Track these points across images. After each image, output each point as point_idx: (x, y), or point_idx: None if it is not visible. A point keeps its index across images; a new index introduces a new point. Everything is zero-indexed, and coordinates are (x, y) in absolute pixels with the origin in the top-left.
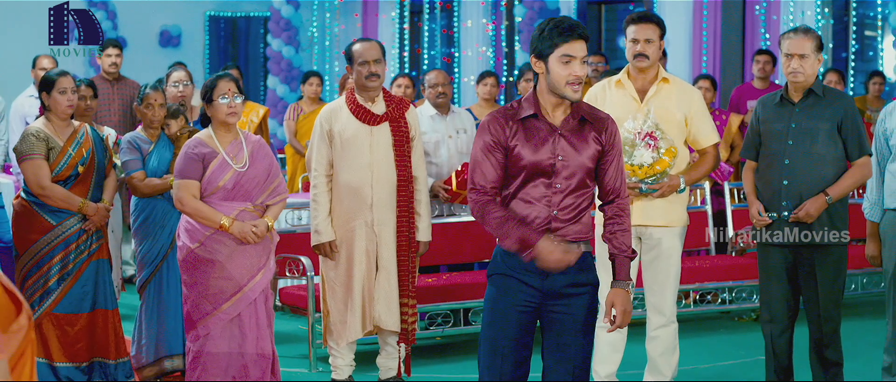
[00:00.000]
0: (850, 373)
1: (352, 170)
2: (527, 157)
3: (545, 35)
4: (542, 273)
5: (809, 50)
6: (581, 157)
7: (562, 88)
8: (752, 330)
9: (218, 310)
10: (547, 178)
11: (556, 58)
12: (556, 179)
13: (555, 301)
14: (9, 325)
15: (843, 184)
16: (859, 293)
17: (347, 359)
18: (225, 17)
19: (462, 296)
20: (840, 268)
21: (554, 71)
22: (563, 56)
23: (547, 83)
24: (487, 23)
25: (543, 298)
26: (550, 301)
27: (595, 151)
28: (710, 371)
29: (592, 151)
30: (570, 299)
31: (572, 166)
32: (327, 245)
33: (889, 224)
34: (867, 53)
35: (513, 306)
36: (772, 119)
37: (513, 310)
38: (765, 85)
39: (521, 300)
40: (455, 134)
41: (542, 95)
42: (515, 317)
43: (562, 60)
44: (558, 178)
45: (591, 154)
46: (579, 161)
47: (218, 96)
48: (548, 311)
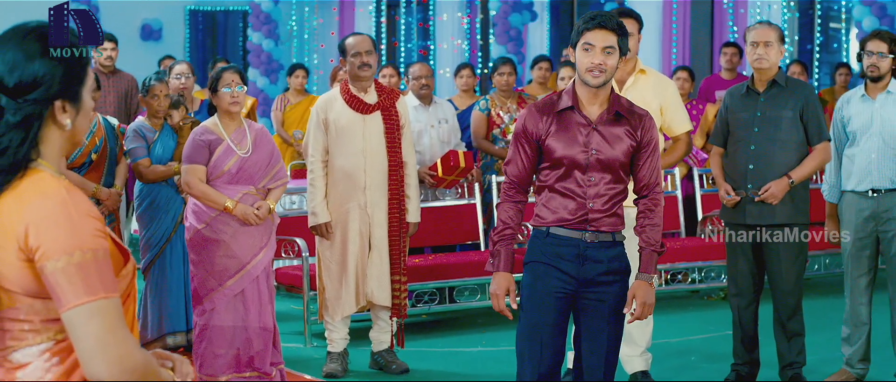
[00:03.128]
0: (812, 345)
1: (346, 156)
2: (560, 150)
3: (577, 26)
4: (578, 261)
5: (773, 39)
6: (615, 151)
7: (582, 73)
8: (720, 308)
9: (223, 286)
10: (581, 171)
11: (579, 46)
12: (590, 172)
13: (589, 289)
14: (120, 270)
15: (804, 168)
16: (822, 273)
17: (342, 333)
18: (204, 11)
19: (447, 275)
20: (802, 246)
21: (578, 58)
22: (585, 44)
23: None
24: (462, 16)
25: (578, 286)
26: (585, 289)
27: (629, 146)
28: (681, 343)
29: (626, 146)
30: (604, 286)
31: (606, 161)
32: (323, 226)
33: (846, 205)
34: (832, 44)
35: (550, 292)
36: (739, 108)
37: (551, 297)
38: (732, 76)
39: (558, 287)
40: (437, 124)
41: (578, 87)
42: (553, 303)
43: (583, 47)
44: (592, 171)
45: (624, 149)
46: (613, 156)
47: (222, 87)
48: (582, 298)
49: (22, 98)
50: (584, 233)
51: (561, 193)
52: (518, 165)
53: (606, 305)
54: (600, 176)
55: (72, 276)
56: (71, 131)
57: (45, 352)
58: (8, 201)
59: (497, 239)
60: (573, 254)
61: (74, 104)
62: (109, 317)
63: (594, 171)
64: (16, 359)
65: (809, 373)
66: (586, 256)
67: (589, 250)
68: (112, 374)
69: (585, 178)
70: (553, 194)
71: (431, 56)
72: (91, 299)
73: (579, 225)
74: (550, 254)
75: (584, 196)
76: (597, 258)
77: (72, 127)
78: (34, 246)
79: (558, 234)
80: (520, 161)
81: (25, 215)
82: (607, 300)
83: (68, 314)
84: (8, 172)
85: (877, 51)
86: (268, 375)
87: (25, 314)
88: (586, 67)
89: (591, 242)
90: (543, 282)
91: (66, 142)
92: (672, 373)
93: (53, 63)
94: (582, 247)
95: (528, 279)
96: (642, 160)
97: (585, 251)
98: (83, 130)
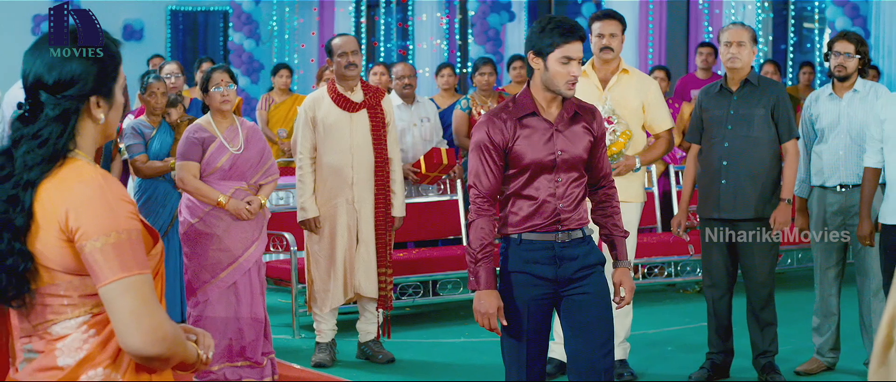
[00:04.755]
0: (784, 335)
1: (334, 153)
2: (529, 155)
3: (546, 34)
4: (555, 263)
5: (746, 39)
6: (577, 149)
7: (559, 86)
8: (695, 301)
9: (216, 279)
10: (549, 172)
11: (556, 58)
12: (557, 172)
13: (570, 287)
14: (150, 250)
15: (789, 179)
16: (795, 268)
17: (330, 324)
18: (185, 11)
19: (431, 269)
20: (774, 239)
21: (553, 70)
22: (564, 57)
23: (542, 80)
24: (441, 17)
25: (558, 287)
26: (565, 288)
27: (588, 142)
28: (658, 335)
29: (586, 142)
30: (583, 280)
31: (571, 159)
32: (312, 221)
33: (815, 199)
34: (805, 44)
35: (529, 300)
36: (712, 107)
37: (531, 304)
38: (707, 75)
39: (537, 294)
40: (419, 122)
41: (536, 91)
42: (533, 311)
43: (561, 61)
44: (560, 172)
45: (585, 145)
46: (576, 154)
47: (213, 86)
48: (565, 297)
49: (60, 94)
50: (556, 234)
51: (529, 197)
52: (488, 177)
53: (590, 296)
54: (567, 176)
55: (108, 254)
56: (104, 125)
57: (82, 325)
58: (49, 187)
59: (480, 257)
60: (548, 257)
61: (107, 100)
62: (142, 291)
63: (561, 171)
64: (56, 331)
65: (782, 362)
66: (562, 256)
67: (564, 250)
68: (145, 343)
69: (554, 179)
70: (520, 201)
71: (410, 56)
72: (126, 275)
73: (551, 227)
74: (524, 261)
75: (554, 197)
76: (572, 256)
77: (105, 121)
78: (74, 228)
79: (531, 239)
80: (489, 173)
81: (66, 199)
82: (590, 290)
83: (105, 289)
84: (49, 161)
85: (844, 51)
86: (259, 364)
87: (65, 290)
88: (567, 80)
89: (564, 242)
90: (521, 291)
91: (99, 134)
92: (649, 363)
93: (88, 63)
94: (557, 249)
95: (506, 289)
96: (598, 153)
97: (561, 251)
98: (115, 124)
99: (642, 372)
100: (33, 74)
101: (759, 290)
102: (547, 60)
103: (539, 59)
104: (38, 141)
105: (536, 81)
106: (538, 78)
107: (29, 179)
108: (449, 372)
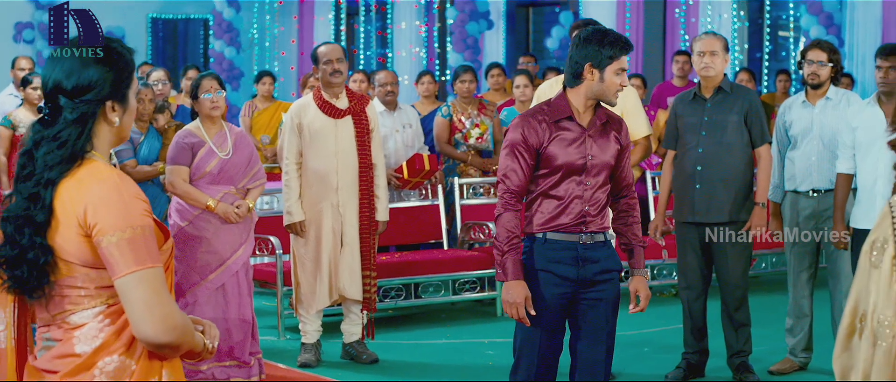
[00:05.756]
0: (758, 336)
1: (319, 158)
2: (561, 157)
3: (606, 47)
4: (577, 263)
5: (719, 49)
6: (606, 155)
7: (611, 95)
8: (671, 304)
9: (205, 280)
10: (578, 175)
11: (613, 69)
12: (586, 176)
13: (589, 289)
14: (161, 246)
15: (763, 184)
16: (769, 271)
17: (315, 325)
18: (166, 18)
19: (413, 272)
20: (747, 242)
21: (609, 80)
22: (620, 69)
23: (592, 89)
24: (420, 25)
25: (577, 287)
26: (584, 290)
27: (616, 150)
28: (635, 336)
29: (614, 149)
30: (601, 285)
31: (600, 165)
32: (298, 225)
33: (788, 204)
34: (780, 53)
35: (549, 298)
36: (687, 113)
37: (550, 302)
38: (683, 83)
39: (557, 293)
40: (401, 128)
41: (575, 98)
42: (552, 309)
43: (617, 72)
44: (589, 175)
45: (613, 153)
46: (605, 160)
47: (202, 93)
48: (582, 299)
49: (78, 99)
50: (580, 235)
51: (558, 197)
52: (519, 174)
53: (605, 302)
54: (594, 180)
55: (123, 249)
56: (119, 127)
57: (98, 314)
58: (68, 185)
59: (506, 249)
60: (571, 257)
61: (122, 104)
62: (155, 283)
63: (590, 175)
64: (73, 321)
65: (756, 362)
66: (585, 257)
67: (587, 251)
68: (157, 331)
69: (582, 182)
70: (548, 200)
71: (389, 64)
72: (140, 268)
73: (576, 228)
74: (548, 260)
75: (582, 199)
76: (594, 258)
77: (119, 124)
78: (92, 223)
79: (555, 238)
80: (520, 170)
81: (84, 197)
82: (605, 297)
83: (120, 281)
84: (68, 161)
85: (817, 59)
86: (247, 364)
87: (82, 282)
88: (617, 89)
89: (587, 243)
90: (543, 289)
91: (114, 136)
92: (627, 363)
93: (104, 70)
94: (580, 249)
95: (528, 285)
96: (623, 162)
97: (584, 253)
98: (128, 127)
99: (619, 372)
100: (52, 80)
101: (734, 291)
102: (604, 71)
103: (596, 70)
104: (57, 142)
105: (580, 89)
106: (586, 87)
107: (49, 178)
108: (431, 372)
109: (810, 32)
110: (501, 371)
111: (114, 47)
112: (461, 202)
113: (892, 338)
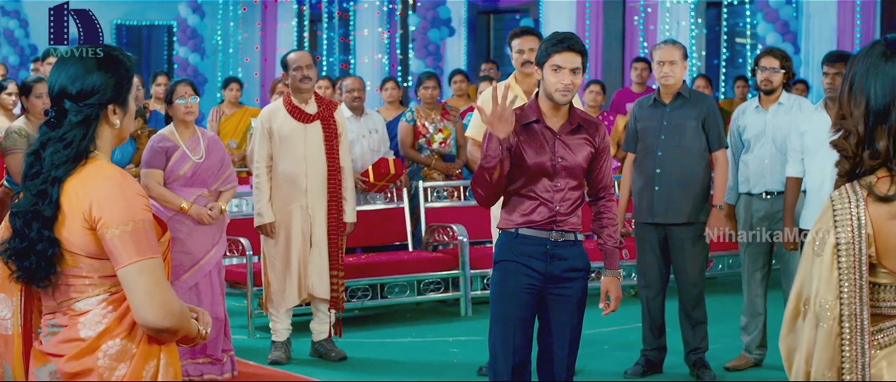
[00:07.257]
0: (715, 334)
1: (289, 161)
2: (530, 159)
3: (543, 46)
4: (546, 259)
5: (678, 57)
6: (577, 158)
7: (552, 92)
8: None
9: (178, 280)
10: (549, 178)
11: (548, 66)
12: (556, 178)
13: (556, 285)
14: (159, 238)
15: (720, 187)
16: (726, 272)
17: (285, 324)
18: (130, 25)
19: (380, 273)
20: (704, 243)
21: (546, 78)
22: (553, 65)
23: (543, 88)
24: (383, 32)
25: (545, 282)
26: (551, 285)
27: (588, 152)
28: (595, 335)
29: (586, 152)
30: (568, 282)
31: (570, 167)
32: (268, 226)
33: (742, 206)
34: (737, 59)
35: (520, 287)
36: (647, 118)
37: (520, 291)
38: (642, 90)
39: (527, 283)
40: (368, 133)
41: (542, 101)
42: (523, 298)
43: (552, 69)
44: (559, 177)
45: (585, 155)
46: (576, 162)
47: (176, 98)
48: (549, 294)
49: (82, 103)
50: (551, 233)
51: (529, 197)
52: None
53: (571, 299)
54: (566, 181)
55: (126, 241)
56: (119, 129)
57: (101, 302)
58: (74, 182)
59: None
60: (541, 252)
61: (123, 108)
62: (155, 273)
63: (560, 177)
64: (78, 308)
65: (712, 359)
66: (553, 254)
67: (556, 248)
68: (157, 317)
69: (553, 183)
70: (521, 199)
71: (352, 70)
72: (141, 258)
73: (547, 226)
74: (519, 253)
75: (552, 200)
76: (563, 256)
77: (120, 126)
78: (96, 217)
79: (527, 234)
80: None
81: (89, 193)
82: (571, 294)
83: (123, 271)
84: (73, 160)
85: (770, 66)
86: (220, 361)
87: (86, 272)
88: (556, 87)
89: (557, 241)
90: (513, 278)
91: (115, 138)
92: (587, 360)
93: (107, 75)
94: (549, 246)
95: (498, 276)
96: (599, 164)
97: (553, 249)
98: (128, 128)
99: (581, 369)
100: (58, 85)
101: (691, 290)
102: (543, 69)
103: (539, 68)
104: (63, 143)
105: (541, 91)
106: (542, 88)
107: (56, 175)
108: (397, 369)
109: (767, 40)
110: (465, 368)
111: (115, 54)
112: (425, 205)
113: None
